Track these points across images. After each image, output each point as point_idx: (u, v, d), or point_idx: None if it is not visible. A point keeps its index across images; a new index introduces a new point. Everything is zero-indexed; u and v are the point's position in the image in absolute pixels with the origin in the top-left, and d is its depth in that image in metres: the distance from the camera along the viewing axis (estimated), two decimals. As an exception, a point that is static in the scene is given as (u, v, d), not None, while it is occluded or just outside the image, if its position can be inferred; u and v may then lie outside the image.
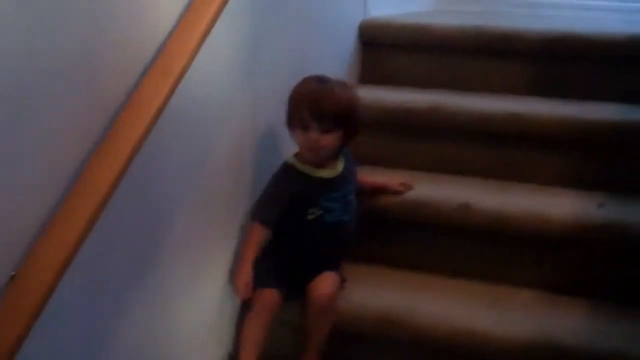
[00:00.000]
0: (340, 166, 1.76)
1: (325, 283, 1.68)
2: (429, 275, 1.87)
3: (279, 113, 1.73)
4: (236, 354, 1.70)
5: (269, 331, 1.67)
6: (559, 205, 1.85)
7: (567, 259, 1.82)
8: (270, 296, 1.66)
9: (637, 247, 1.75)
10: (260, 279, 1.68)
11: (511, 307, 1.74)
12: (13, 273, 1.06)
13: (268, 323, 1.67)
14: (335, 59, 2.26)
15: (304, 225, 1.71)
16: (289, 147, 1.79)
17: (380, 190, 1.89)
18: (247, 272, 1.64)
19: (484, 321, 1.67)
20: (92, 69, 1.19)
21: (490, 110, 2.06)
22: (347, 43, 2.33)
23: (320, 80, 1.71)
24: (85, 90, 1.18)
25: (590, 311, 1.73)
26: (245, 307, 1.70)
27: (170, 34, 1.33)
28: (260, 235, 1.69)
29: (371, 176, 1.92)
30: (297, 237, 1.73)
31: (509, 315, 1.70)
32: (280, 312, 1.68)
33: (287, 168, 1.74)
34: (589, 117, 1.99)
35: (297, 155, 1.75)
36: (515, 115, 2.02)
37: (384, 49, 2.37)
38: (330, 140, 1.68)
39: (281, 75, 1.82)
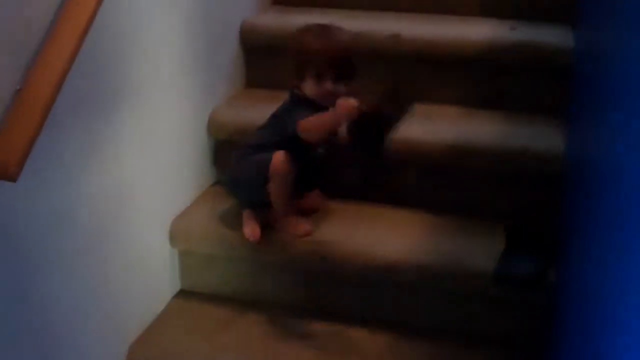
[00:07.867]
0: None
1: None
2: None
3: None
4: None
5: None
6: (477, 32, 2.11)
7: (485, 77, 2.10)
8: None
9: (542, 62, 2.03)
10: None
11: (438, 120, 2.02)
12: (18, 87, 1.26)
13: None
14: None
15: None
16: None
17: None
18: None
19: (416, 130, 1.92)
20: None
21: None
22: None
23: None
24: None
25: (503, 119, 2.02)
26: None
27: None
28: None
29: None
30: None
31: (436, 126, 1.98)
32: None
33: None
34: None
35: None
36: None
37: None
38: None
39: None
